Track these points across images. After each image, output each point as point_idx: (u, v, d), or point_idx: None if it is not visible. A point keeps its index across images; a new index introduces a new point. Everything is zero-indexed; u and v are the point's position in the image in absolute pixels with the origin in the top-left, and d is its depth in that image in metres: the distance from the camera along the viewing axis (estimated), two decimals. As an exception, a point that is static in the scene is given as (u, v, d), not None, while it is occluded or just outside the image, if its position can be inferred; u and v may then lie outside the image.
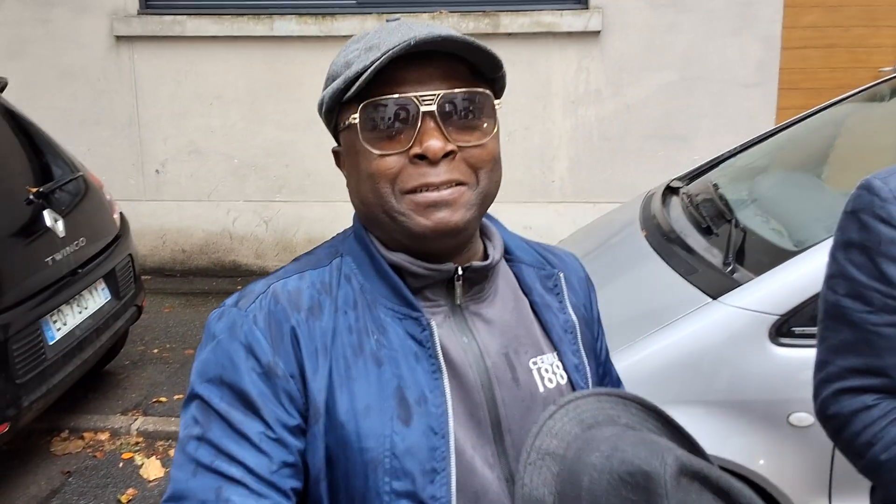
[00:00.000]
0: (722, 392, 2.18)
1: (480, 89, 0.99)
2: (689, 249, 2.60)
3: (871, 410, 1.23)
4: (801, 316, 2.13)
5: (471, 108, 0.98)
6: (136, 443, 3.72)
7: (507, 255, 1.13)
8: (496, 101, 1.01)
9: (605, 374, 1.22)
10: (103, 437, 3.76)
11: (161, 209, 5.85)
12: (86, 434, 3.78)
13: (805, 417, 2.12)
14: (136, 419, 3.83)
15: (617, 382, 1.25)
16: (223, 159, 5.78)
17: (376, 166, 0.97)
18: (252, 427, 0.93)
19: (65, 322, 3.45)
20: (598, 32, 5.45)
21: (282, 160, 5.77)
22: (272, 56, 5.62)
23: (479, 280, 1.05)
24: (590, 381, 1.11)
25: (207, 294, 5.52)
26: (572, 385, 1.08)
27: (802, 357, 2.12)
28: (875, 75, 5.28)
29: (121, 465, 3.57)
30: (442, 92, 0.96)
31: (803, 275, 2.16)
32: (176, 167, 5.80)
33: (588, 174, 5.66)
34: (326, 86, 1.03)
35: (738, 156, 3.34)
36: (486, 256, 1.08)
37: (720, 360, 2.18)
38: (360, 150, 0.98)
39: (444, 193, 0.96)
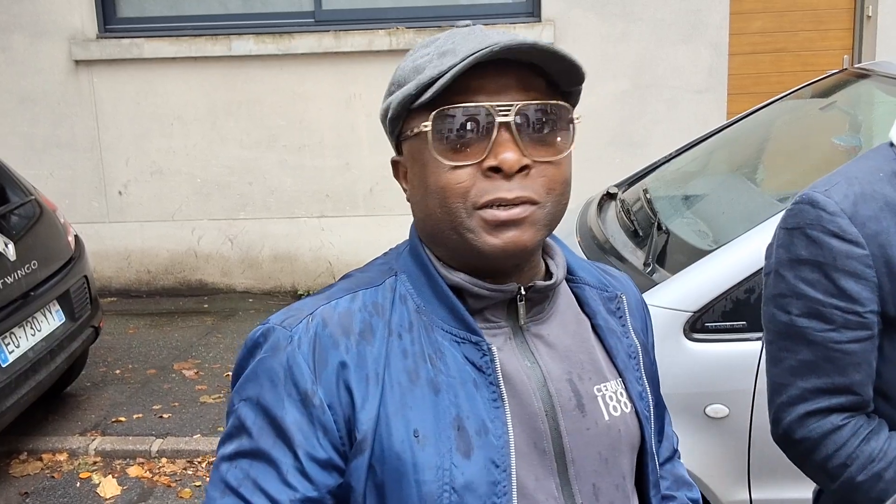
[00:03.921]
0: (642, 388, 2.25)
1: (559, 102, 0.94)
2: (616, 253, 2.68)
3: (842, 431, 1.21)
4: (713, 312, 2.21)
5: (548, 121, 0.93)
6: (94, 462, 3.75)
7: (570, 274, 1.07)
8: (575, 116, 0.96)
9: (658, 402, 1.17)
10: (61, 457, 3.78)
11: (125, 230, 5.89)
12: (44, 455, 3.80)
13: (720, 409, 2.19)
14: (94, 439, 3.86)
15: (663, 408, 1.22)
16: (186, 179, 5.83)
17: (447, 179, 0.92)
18: (280, 456, 0.90)
19: (17, 344, 3.48)
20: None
21: (245, 178, 5.82)
22: (231, 75, 5.68)
23: (540, 300, 1.00)
24: (651, 407, 1.07)
25: (173, 314, 5.55)
26: (637, 413, 1.03)
27: (715, 351, 2.20)
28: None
29: (78, 484, 3.60)
30: (519, 103, 0.91)
31: (715, 272, 2.24)
32: (138, 188, 5.84)
33: (547, 183, 5.75)
34: (391, 92, 0.98)
35: (674, 160, 3.43)
36: (548, 275, 1.03)
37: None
38: (429, 160, 0.93)
39: (514, 212, 0.91)
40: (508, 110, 0.91)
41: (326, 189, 5.80)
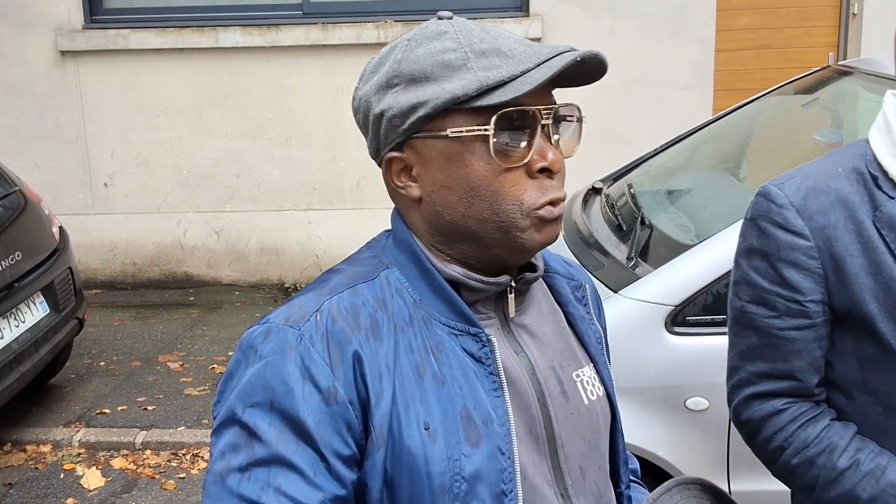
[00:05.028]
0: (624, 380, 2.27)
1: (575, 104, 0.98)
2: (600, 247, 2.70)
3: (781, 415, 1.26)
4: (694, 306, 2.23)
5: (573, 121, 0.98)
6: (78, 454, 3.75)
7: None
8: (584, 116, 0.99)
9: None
10: (45, 448, 3.78)
11: (110, 222, 5.86)
12: (28, 446, 3.79)
13: (700, 402, 2.21)
14: (78, 431, 3.86)
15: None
16: (172, 171, 5.81)
17: (500, 182, 0.92)
18: (305, 458, 0.87)
19: (1, 336, 3.47)
20: (539, 39, 5.55)
21: (231, 170, 5.81)
22: (217, 67, 5.66)
23: (523, 291, 1.03)
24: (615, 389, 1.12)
25: (159, 306, 5.53)
26: (609, 396, 1.08)
27: (696, 344, 2.22)
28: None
29: (62, 475, 3.59)
30: (555, 105, 0.94)
31: (696, 267, 2.26)
32: (124, 180, 5.82)
33: (533, 177, 5.76)
34: (390, 84, 0.95)
35: (659, 155, 3.45)
36: (528, 267, 1.05)
37: (621, 349, 2.25)
38: (473, 162, 0.92)
39: (558, 210, 0.95)
40: (549, 112, 0.93)
41: (313, 182, 5.80)
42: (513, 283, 0.99)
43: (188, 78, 5.67)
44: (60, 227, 4.19)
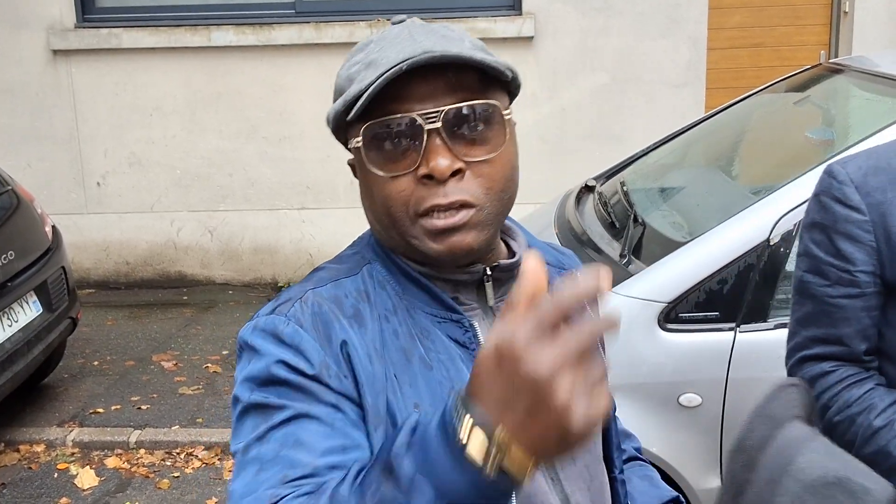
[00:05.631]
0: (617, 377, 2.27)
1: (487, 101, 0.94)
2: (593, 245, 2.71)
3: (829, 376, 1.35)
4: (686, 303, 2.24)
5: (478, 120, 0.93)
6: (72, 453, 3.74)
7: None
8: (505, 111, 0.95)
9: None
10: (39, 448, 3.77)
11: (103, 222, 5.85)
12: (21, 446, 3.79)
13: (693, 398, 2.22)
14: (71, 430, 3.85)
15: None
16: (165, 170, 5.80)
17: (388, 190, 0.94)
18: (318, 409, 0.89)
19: (-6, 335, 3.46)
20: (532, 38, 5.56)
21: (225, 169, 5.80)
22: (211, 66, 5.66)
23: (506, 280, 1.03)
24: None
25: (152, 306, 5.53)
26: None
27: (689, 341, 2.23)
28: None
29: (56, 475, 3.59)
30: (446, 108, 0.91)
31: (689, 264, 2.27)
32: (117, 179, 5.81)
33: (527, 176, 5.70)
34: (335, 99, 0.99)
35: (652, 153, 3.46)
36: (510, 255, 1.06)
37: (614, 346, 2.27)
38: (369, 171, 0.95)
39: (452, 220, 0.92)
40: (436, 116, 0.91)
41: (307, 181, 5.80)
42: (489, 272, 1.00)
43: (181, 77, 5.66)
44: (53, 227, 4.18)
